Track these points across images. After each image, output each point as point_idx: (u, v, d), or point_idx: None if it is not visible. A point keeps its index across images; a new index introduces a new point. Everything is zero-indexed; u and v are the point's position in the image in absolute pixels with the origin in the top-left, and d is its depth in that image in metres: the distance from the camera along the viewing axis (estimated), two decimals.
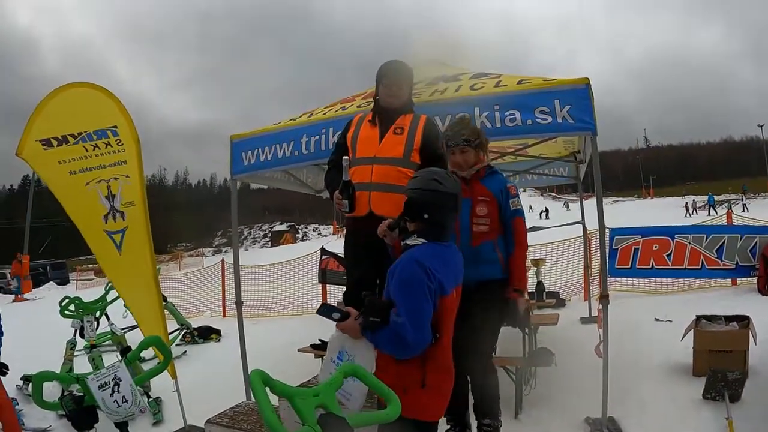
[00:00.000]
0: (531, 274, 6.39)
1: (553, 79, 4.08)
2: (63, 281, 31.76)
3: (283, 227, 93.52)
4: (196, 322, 10.10)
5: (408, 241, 2.73)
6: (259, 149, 5.08)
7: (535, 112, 3.97)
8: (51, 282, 29.53)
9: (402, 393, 2.15)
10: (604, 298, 4.08)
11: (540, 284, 7.00)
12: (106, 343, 7.73)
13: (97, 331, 6.50)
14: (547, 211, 51.57)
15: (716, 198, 51.58)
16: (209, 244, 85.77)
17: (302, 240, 75.71)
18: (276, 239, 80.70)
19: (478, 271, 3.57)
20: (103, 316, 6.85)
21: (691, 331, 5.20)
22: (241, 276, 12.94)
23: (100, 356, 6.22)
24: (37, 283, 26.98)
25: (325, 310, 2.65)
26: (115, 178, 5.15)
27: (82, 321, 6.24)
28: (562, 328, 6.33)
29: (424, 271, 2.51)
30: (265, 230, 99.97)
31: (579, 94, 3.92)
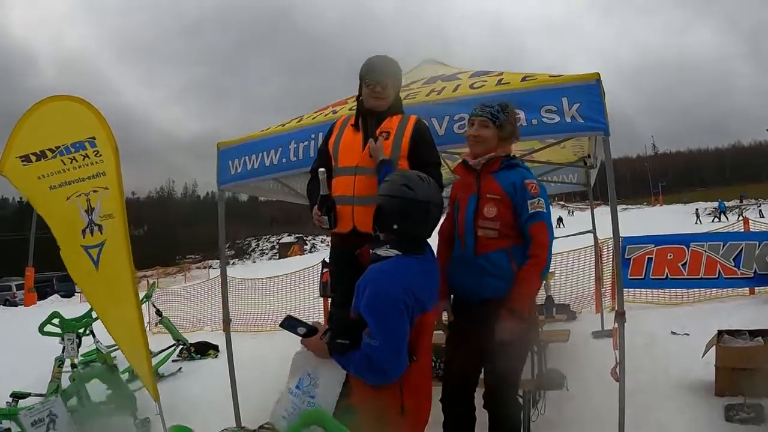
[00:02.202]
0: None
1: (560, 76, 3.72)
2: (68, 294, 31.60)
3: (290, 239, 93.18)
4: (196, 337, 9.82)
5: (379, 251, 2.42)
6: (246, 157, 4.76)
7: (541, 111, 3.59)
8: (56, 294, 29.35)
9: (378, 420, 2.03)
10: (620, 315, 3.62)
11: (549, 299, 6.59)
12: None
13: (83, 349, 6.37)
14: (561, 219, 50.52)
15: (727, 204, 50.91)
16: (217, 257, 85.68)
17: (310, 251, 75.48)
18: (284, 251, 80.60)
19: (482, 286, 3.10)
20: (90, 334, 6.63)
21: (713, 347, 4.83)
22: (240, 289, 12.90)
23: (81, 376, 5.90)
24: (43, 295, 27.00)
25: (289, 323, 2.38)
26: (94, 191, 4.93)
27: (63, 339, 6.05)
28: (573, 344, 5.98)
29: (401, 287, 2.23)
30: (273, 242, 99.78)
31: (589, 90, 3.55)
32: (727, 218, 43.22)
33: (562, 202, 73.15)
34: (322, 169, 3.14)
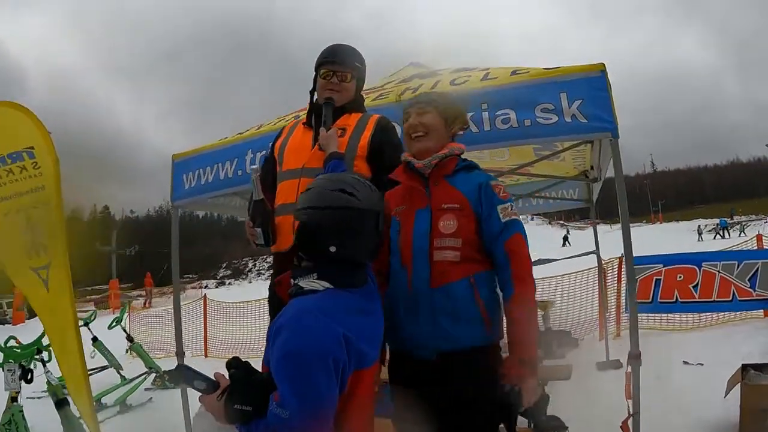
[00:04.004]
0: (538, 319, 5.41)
1: (558, 68, 3.15)
2: None
3: None
4: (174, 363, 9.19)
5: (302, 283, 1.80)
6: (201, 170, 4.27)
7: (535, 110, 3.04)
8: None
9: None
10: (634, 358, 2.98)
11: (548, 331, 5.93)
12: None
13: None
14: (566, 237, 48.98)
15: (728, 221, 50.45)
16: (213, 276, 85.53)
17: None
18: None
19: (441, 333, 2.19)
20: (41, 363, 6.07)
21: (737, 384, 4.28)
22: (225, 312, 12.35)
23: (21, 411, 5.48)
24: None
25: (183, 374, 1.75)
26: (34, 207, 4.50)
27: (3, 369, 5.56)
28: (576, 378, 5.36)
29: (329, 334, 1.61)
30: (270, 262, 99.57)
31: (593, 84, 2.99)
32: (729, 235, 42.77)
33: (561, 221, 72.05)
34: (254, 167, 2.55)
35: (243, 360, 1.78)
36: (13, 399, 5.45)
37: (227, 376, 1.73)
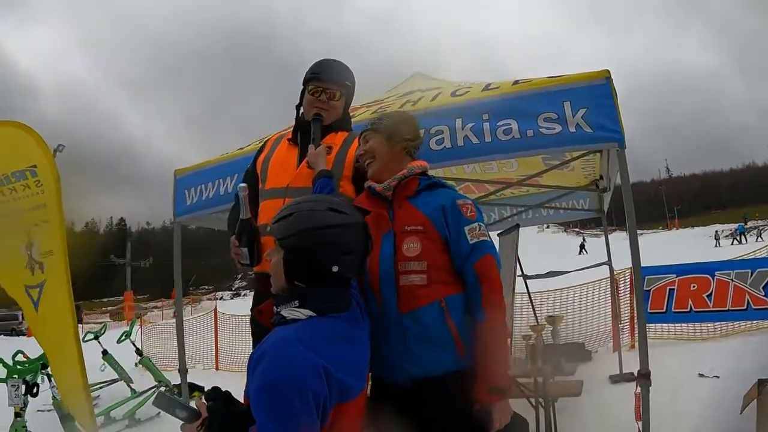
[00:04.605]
0: (547, 334, 5.24)
1: (560, 76, 3.05)
2: None
3: None
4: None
5: (284, 312, 1.73)
6: (202, 186, 4.19)
7: (538, 119, 2.93)
8: None
9: None
10: (643, 378, 2.84)
11: (558, 346, 5.73)
12: None
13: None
14: (583, 246, 47.05)
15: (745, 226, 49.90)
16: (228, 288, 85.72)
17: None
18: None
19: (411, 359, 2.13)
20: (47, 377, 6.15)
21: (754, 400, 4.13)
22: (236, 324, 12.28)
23: (24, 427, 5.54)
24: None
25: (165, 402, 1.69)
26: (35, 225, 4.52)
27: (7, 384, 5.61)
28: (588, 392, 5.25)
29: (309, 366, 1.53)
30: None
31: (598, 92, 2.89)
32: (746, 240, 42.29)
33: (577, 229, 71.25)
34: (242, 185, 2.44)
35: (223, 390, 1.73)
36: (17, 414, 5.49)
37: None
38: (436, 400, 2.09)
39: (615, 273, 7.67)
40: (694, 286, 7.84)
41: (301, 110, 2.71)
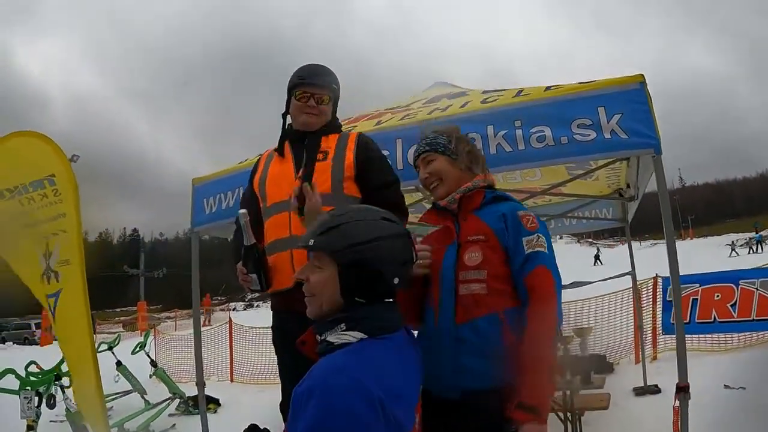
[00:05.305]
0: (574, 346, 5.14)
1: (593, 81, 2.97)
2: None
3: None
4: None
5: (331, 338, 1.56)
6: (221, 194, 4.14)
7: (572, 126, 2.86)
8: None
9: None
10: (681, 392, 2.74)
11: (583, 358, 5.61)
12: None
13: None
14: (598, 256, 46.64)
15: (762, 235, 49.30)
16: (241, 299, 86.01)
17: None
18: None
19: (462, 371, 2.04)
20: (60, 389, 6.23)
21: None
22: (251, 336, 12.21)
23: None
24: None
25: None
26: (54, 234, 4.47)
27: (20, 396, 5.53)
28: (614, 406, 5.16)
29: (368, 403, 1.35)
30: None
31: (632, 97, 2.81)
32: (762, 249, 41.80)
33: (590, 239, 70.45)
34: (242, 211, 2.35)
35: (262, 428, 1.63)
36: (29, 427, 5.43)
37: None
38: (481, 412, 2.00)
39: (638, 283, 7.57)
40: (718, 296, 7.64)
41: (288, 119, 2.64)
